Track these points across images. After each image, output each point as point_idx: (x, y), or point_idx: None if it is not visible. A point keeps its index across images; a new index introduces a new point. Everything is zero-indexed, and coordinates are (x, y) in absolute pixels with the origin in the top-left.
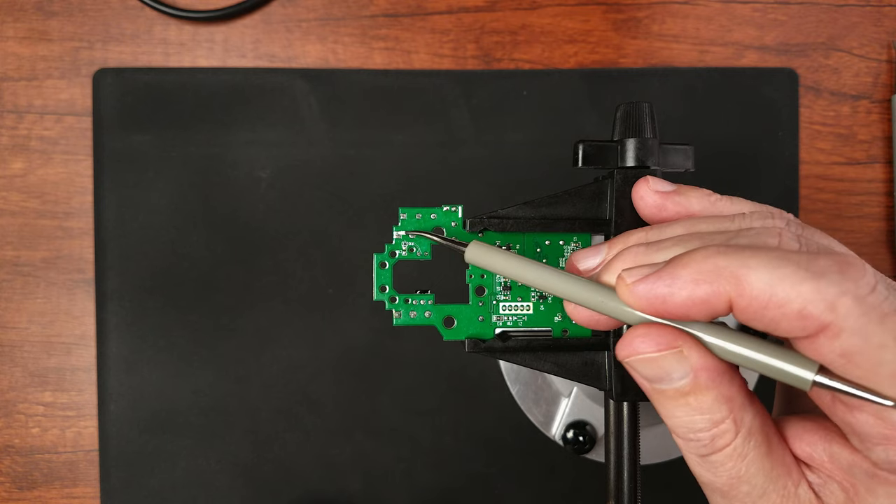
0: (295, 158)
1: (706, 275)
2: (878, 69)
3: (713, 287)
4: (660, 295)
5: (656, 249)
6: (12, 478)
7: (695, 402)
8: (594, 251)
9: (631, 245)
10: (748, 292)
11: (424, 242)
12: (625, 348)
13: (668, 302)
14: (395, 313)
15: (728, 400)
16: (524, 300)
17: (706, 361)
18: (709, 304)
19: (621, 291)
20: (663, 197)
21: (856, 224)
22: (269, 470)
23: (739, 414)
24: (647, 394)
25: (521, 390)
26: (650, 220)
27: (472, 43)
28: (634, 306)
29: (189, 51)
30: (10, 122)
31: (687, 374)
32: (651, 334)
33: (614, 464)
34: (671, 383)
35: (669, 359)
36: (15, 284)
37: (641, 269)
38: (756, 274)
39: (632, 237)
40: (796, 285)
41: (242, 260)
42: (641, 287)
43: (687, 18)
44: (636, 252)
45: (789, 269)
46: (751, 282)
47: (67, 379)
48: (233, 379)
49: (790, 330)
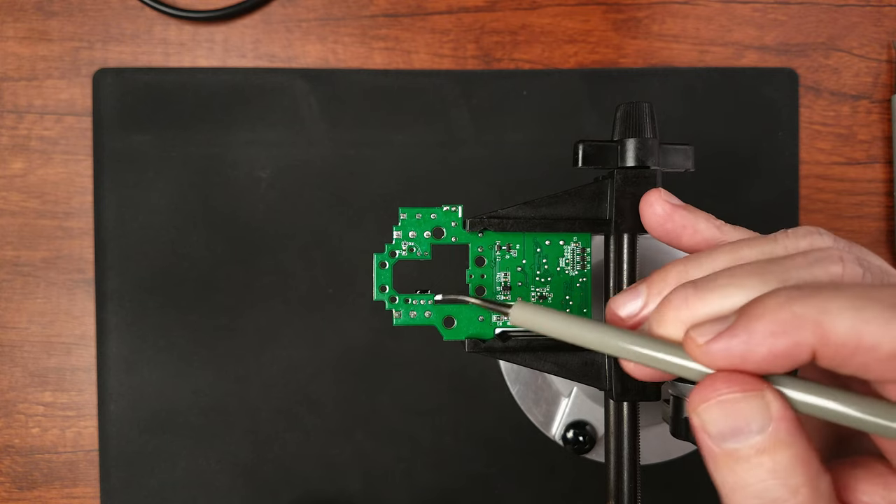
0: (295, 158)
1: (784, 326)
2: (878, 69)
3: (794, 338)
4: (737, 354)
5: (709, 290)
6: (12, 478)
7: (771, 462)
8: (632, 294)
9: (673, 283)
10: (833, 340)
11: (424, 242)
12: (703, 391)
13: (748, 360)
14: (395, 313)
15: (805, 463)
16: (524, 300)
17: (787, 412)
18: (791, 357)
19: (693, 352)
20: (673, 209)
21: (856, 224)
22: (269, 470)
23: (816, 481)
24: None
25: (521, 390)
26: (654, 229)
27: (472, 43)
28: (710, 366)
29: (189, 51)
30: (10, 122)
31: (767, 425)
32: (735, 378)
33: (614, 464)
34: (747, 438)
35: (752, 403)
36: (15, 284)
37: (710, 326)
38: (840, 320)
39: (670, 274)
40: (885, 326)
41: (242, 260)
42: (716, 347)
43: (687, 18)
44: (685, 295)
45: (875, 310)
46: (836, 328)
47: (67, 379)
48: (233, 379)
49: (882, 373)
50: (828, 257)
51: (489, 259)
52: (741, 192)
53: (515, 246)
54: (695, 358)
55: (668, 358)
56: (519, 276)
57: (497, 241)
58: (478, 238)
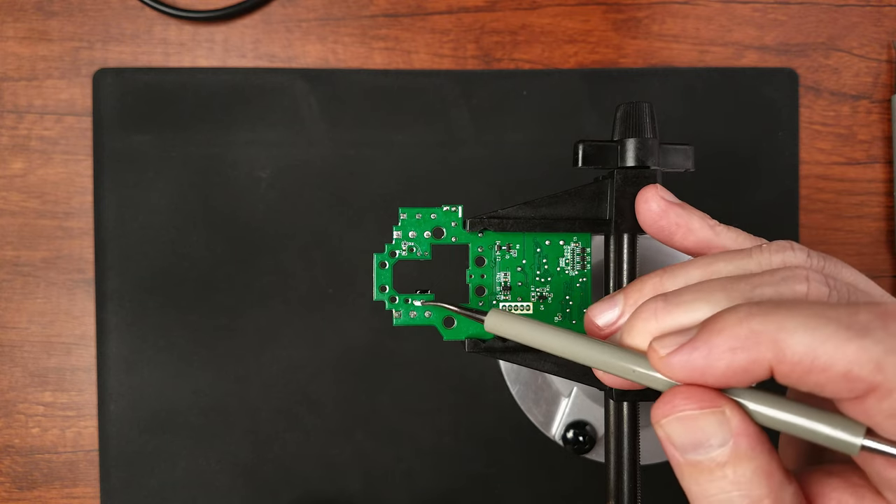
0: (295, 158)
1: (743, 341)
2: (878, 69)
3: (752, 354)
4: (697, 367)
5: (677, 304)
6: (12, 478)
7: (733, 474)
8: (609, 304)
9: (648, 294)
10: (789, 358)
11: (424, 242)
12: (663, 406)
13: (707, 373)
14: (395, 313)
15: (768, 475)
16: (524, 300)
17: (747, 427)
18: (749, 373)
19: (655, 363)
20: (668, 205)
21: (856, 224)
22: (269, 470)
23: (779, 492)
24: (677, 470)
25: (521, 390)
26: (648, 226)
27: (472, 43)
28: (671, 378)
29: (189, 51)
30: (10, 122)
31: (727, 440)
32: (694, 394)
33: (614, 464)
34: (708, 452)
35: (711, 419)
36: (15, 284)
37: (673, 339)
38: (796, 337)
39: (646, 285)
40: (840, 346)
41: (242, 260)
42: (676, 359)
43: (687, 18)
44: (656, 308)
45: (830, 329)
46: (791, 346)
47: (67, 379)
48: (233, 379)
49: (836, 392)
50: (794, 276)
51: (489, 259)
52: (741, 192)
53: (515, 246)
54: (657, 369)
55: (634, 368)
56: (519, 276)
57: (497, 241)
58: (478, 238)
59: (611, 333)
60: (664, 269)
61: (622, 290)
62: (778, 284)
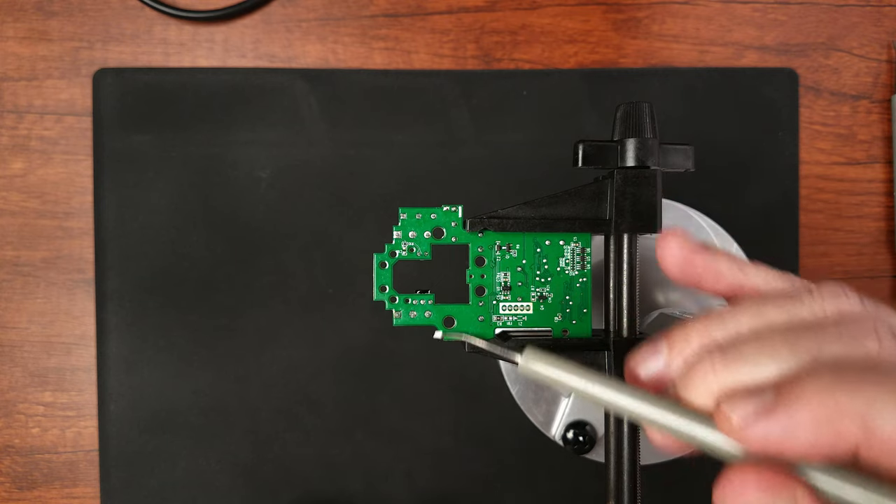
0: (295, 158)
1: (828, 416)
2: (878, 69)
3: (838, 431)
4: (776, 439)
5: (736, 359)
6: (12, 478)
7: None
8: (652, 352)
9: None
10: (879, 436)
11: (424, 242)
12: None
13: (786, 447)
14: (395, 313)
15: None
16: (524, 300)
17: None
18: (832, 448)
19: (728, 430)
20: (691, 253)
21: (856, 224)
22: (269, 470)
23: None
24: None
25: (521, 390)
26: (675, 276)
27: (472, 43)
28: (745, 446)
29: (189, 51)
30: (10, 122)
31: None
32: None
33: (614, 464)
34: None
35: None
36: (15, 284)
37: (745, 403)
38: (888, 415)
39: (692, 334)
40: None
41: (242, 260)
42: (755, 430)
43: (687, 18)
44: (713, 362)
45: None
46: (882, 426)
47: (67, 379)
48: (233, 379)
49: None
50: (862, 331)
51: (489, 259)
52: (741, 192)
53: (515, 246)
54: (728, 434)
55: (699, 431)
56: (519, 276)
57: (497, 241)
58: (478, 238)
59: (655, 388)
60: (708, 316)
61: (665, 338)
62: (845, 339)
